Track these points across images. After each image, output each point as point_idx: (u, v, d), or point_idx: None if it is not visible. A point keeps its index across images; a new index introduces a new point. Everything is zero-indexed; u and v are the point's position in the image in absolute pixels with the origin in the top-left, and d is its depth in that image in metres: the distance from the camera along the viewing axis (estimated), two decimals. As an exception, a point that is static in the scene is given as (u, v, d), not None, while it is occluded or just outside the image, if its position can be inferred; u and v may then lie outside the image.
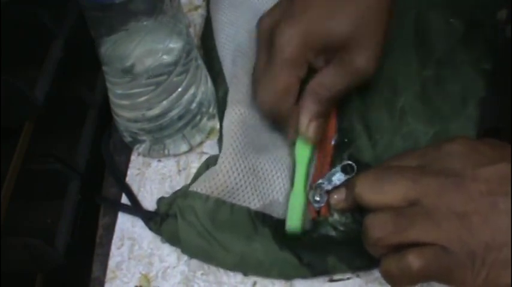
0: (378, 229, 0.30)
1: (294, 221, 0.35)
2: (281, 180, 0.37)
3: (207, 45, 0.45)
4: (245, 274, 0.36)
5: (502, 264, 0.27)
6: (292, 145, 0.38)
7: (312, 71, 0.36)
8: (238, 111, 0.38)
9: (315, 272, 0.34)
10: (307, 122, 0.36)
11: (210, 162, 0.38)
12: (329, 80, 0.35)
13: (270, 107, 0.37)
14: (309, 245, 0.35)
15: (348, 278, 0.35)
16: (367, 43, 0.35)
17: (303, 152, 0.37)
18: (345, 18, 0.34)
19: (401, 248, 0.29)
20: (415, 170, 0.31)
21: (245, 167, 0.36)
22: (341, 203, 0.35)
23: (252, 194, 0.36)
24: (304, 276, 0.35)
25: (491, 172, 0.29)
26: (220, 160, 0.36)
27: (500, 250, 0.27)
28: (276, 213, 0.36)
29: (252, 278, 0.36)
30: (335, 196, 0.35)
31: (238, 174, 0.36)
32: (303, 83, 0.36)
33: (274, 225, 0.36)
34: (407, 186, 0.30)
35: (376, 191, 0.31)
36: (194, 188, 0.36)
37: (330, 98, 0.36)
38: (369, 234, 0.30)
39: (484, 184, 0.29)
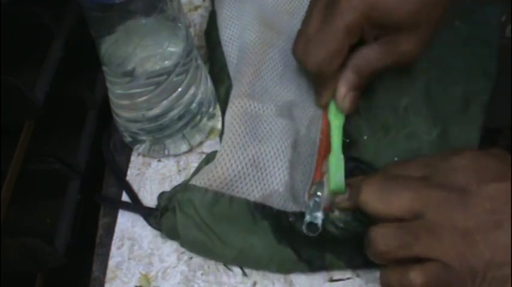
0: (382, 243, 0.30)
1: (337, 181, 0.35)
2: (282, 171, 0.37)
3: (211, 40, 0.45)
4: (244, 270, 0.36)
5: (500, 282, 0.28)
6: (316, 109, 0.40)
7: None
8: (238, 104, 0.38)
9: (313, 267, 0.34)
10: (344, 92, 0.37)
11: (210, 157, 0.38)
12: (374, 57, 0.36)
13: (318, 65, 0.37)
14: (308, 241, 0.35)
15: (348, 278, 0.35)
16: (421, 29, 0.35)
17: (337, 116, 0.38)
18: (412, 0, 0.34)
19: (402, 260, 0.30)
20: (420, 182, 0.31)
21: (244, 158, 0.36)
22: (344, 202, 0.35)
23: (252, 185, 0.36)
24: (302, 271, 0.35)
25: (496, 189, 0.29)
26: (219, 153, 0.36)
27: (500, 268, 0.28)
28: (276, 204, 0.36)
29: (252, 278, 0.36)
30: (339, 195, 0.35)
31: (237, 166, 0.36)
32: None
33: (274, 217, 0.36)
34: (412, 198, 0.30)
35: (381, 201, 0.31)
36: (193, 181, 0.36)
37: (370, 74, 0.37)
38: (373, 247, 0.30)
39: (488, 202, 0.28)
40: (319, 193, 0.36)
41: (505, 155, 0.31)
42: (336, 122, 0.39)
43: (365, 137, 0.39)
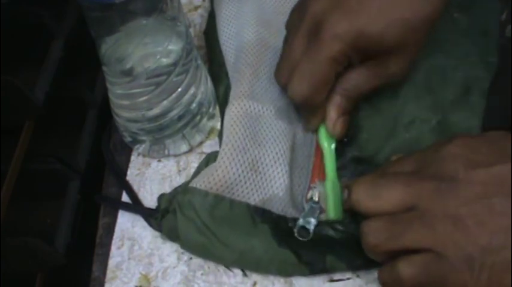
0: (373, 236, 0.30)
1: (335, 210, 0.36)
2: (281, 175, 0.37)
3: (210, 40, 0.46)
4: (244, 270, 0.36)
5: (502, 266, 0.27)
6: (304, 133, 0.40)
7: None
8: (238, 105, 0.38)
9: (313, 270, 0.34)
10: (335, 118, 0.37)
11: (210, 158, 0.38)
12: (363, 80, 0.36)
13: (305, 97, 0.36)
14: (308, 243, 0.35)
15: (348, 279, 0.35)
16: (408, 51, 0.35)
17: (328, 140, 0.38)
18: (398, 25, 0.33)
19: (400, 254, 0.29)
20: (409, 175, 0.31)
21: (244, 162, 0.36)
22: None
23: (252, 189, 0.36)
24: (302, 274, 0.35)
25: (486, 173, 0.28)
26: (219, 156, 0.36)
27: (499, 253, 0.27)
28: (276, 208, 0.36)
29: (252, 278, 0.36)
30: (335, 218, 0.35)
31: (237, 169, 0.36)
32: None
33: (274, 221, 0.36)
34: (402, 191, 0.30)
35: (371, 198, 0.31)
36: (194, 184, 0.36)
37: (359, 97, 0.37)
38: (365, 241, 0.31)
39: (478, 186, 0.28)
40: (315, 199, 0.36)
41: (501, 137, 0.30)
42: (328, 147, 0.38)
43: (363, 133, 0.39)
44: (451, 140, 0.31)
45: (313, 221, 0.35)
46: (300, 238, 0.35)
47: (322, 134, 0.38)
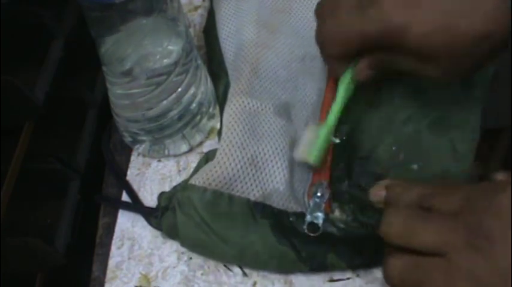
0: (392, 275, 0.29)
1: (318, 155, 0.36)
2: (281, 170, 0.37)
3: (209, 38, 0.46)
4: (244, 270, 0.36)
5: None
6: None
7: None
8: (237, 102, 0.38)
9: (313, 267, 0.34)
10: (364, 67, 0.37)
11: (209, 156, 0.38)
12: (401, 62, 0.35)
13: (322, 43, 0.38)
14: (309, 241, 0.35)
15: (348, 278, 0.35)
16: (442, 64, 0.33)
17: (346, 88, 0.38)
18: (443, 32, 0.31)
19: None
20: (447, 219, 0.29)
21: (243, 157, 0.36)
22: (380, 204, 0.33)
23: (251, 184, 0.36)
24: (301, 271, 0.35)
25: None
26: (217, 153, 0.36)
27: None
28: (277, 203, 0.36)
29: (252, 278, 0.36)
30: (377, 194, 0.33)
31: (236, 165, 0.36)
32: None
33: (275, 216, 0.36)
34: (434, 236, 0.28)
35: (401, 237, 0.30)
36: (193, 181, 0.36)
37: (395, 71, 0.36)
38: (385, 275, 0.30)
39: None
40: (319, 194, 0.36)
41: None
42: (343, 94, 0.38)
43: (360, 132, 0.39)
44: (505, 188, 0.27)
45: (320, 215, 0.35)
46: (311, 234, 0.35)
47: (345, 79, 0.38)
